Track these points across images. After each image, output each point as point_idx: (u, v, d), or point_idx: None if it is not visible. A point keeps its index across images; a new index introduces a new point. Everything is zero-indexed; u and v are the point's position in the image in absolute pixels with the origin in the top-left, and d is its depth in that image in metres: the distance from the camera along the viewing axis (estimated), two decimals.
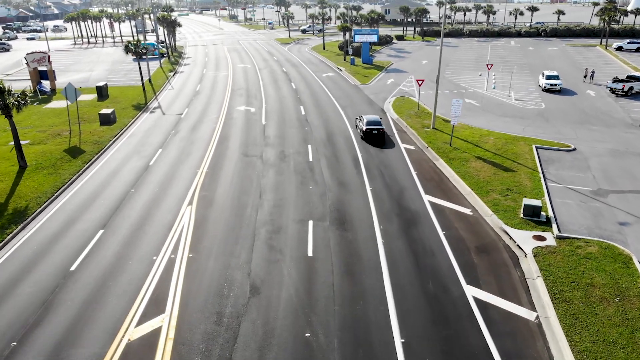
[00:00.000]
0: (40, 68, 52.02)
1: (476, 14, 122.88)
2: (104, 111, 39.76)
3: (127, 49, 50.77)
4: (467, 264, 19.48)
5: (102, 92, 49.18)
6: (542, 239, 21.14)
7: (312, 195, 25.72)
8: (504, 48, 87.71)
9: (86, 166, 30.32)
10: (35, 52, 51.49)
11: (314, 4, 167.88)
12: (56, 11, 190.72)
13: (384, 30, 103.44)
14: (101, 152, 33.00)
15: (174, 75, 63.86)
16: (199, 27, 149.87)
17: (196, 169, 29.61)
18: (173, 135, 36.53)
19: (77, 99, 38.62)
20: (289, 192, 26.17)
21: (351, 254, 20.12)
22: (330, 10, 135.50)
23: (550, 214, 23.29)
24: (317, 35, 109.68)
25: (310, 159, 31.05)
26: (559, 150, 32.68)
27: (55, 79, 53.79)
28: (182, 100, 48.49)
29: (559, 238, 21.12)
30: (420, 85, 43.88)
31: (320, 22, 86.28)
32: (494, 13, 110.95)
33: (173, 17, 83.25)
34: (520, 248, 20.66)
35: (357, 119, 37.77)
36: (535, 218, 22.81)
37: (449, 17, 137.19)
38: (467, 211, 24.13)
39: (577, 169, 29.31)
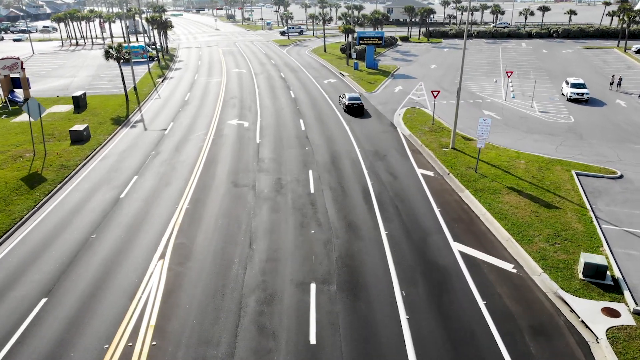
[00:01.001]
0: (12, 75, 47.03)
1: (482, 14, 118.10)
2: (76, 127, 34.82)
3: (107, 55, 45.76)
4: (522, 355, 14.58)
5: (79, 103, 44.23)
6: (615, 313, 16.24)
7: (315, 243, 20.81)
8: (516, 50, 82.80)
9: (44, 200, 25.38)
10: (6, 58, 46.50)
11: (313, 4, 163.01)
12: (48, 10, 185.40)
13: (388, 31, 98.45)
14: (65, 180, 28.03)
15: (162, 81, 58.87)
16: (194, 28, 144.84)
17: (174, 204, 24.68)
18: (153, 158, 31.58)
19: (45, 113, 33.81)
20: (285, 238, 21.26)
21: (367, 338, 15.22)
22: (330, 10, 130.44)
23: (617, 273, 18.40)
24: (318, 37, 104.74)
25: (312, 190, 26.15)
26: (603, 177, 27.79)
27: (30, 88, 48.81)
28: (168, 112, 43.53)
29: (637, 313, 16.23)
30: (435, 97, 38.91)
31: (321, 22, 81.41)
32: (502, 13, 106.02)
33: (164, 18, 78.22)
34: (588, 328, 15.77)
35: (340, 96, 45.90)
36: (599, 280, 17.93)
37: (454, 17, 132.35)
38: (509, 267, 19.23)
39: (632, 204, 24.40)
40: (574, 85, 46.67)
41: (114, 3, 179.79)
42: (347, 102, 41.98)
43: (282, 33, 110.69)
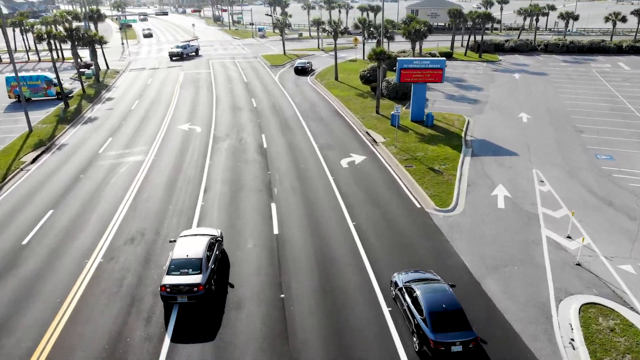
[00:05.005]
0: None
1: (527, 19, 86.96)
2: None
3: None
4: None
5: None
6: None
7: None
8: (624, 77, 54.76)
9: None
10: None
11: (318, 4, 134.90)
12: (5, 11, 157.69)
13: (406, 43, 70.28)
14: None
15: (33, 161, 31.13)
16: (167, 34, 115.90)
17: None
18: None
19: None
20: None
21: None
22: (340, 12, 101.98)
23: None
24: (325, 50, 76.75)
25: None
26: None
27: None
28: None
29: None
30: None
31: (332, 34, 53.41)
32: (576, 18, 77.61)
33: (90, 31, 50.26)
34: None
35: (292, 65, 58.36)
36: None
37: (498, 22, 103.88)
38: None
39: None
40: None
41: (82, 3, 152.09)
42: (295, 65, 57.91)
43: (173, 56, 71.13)
